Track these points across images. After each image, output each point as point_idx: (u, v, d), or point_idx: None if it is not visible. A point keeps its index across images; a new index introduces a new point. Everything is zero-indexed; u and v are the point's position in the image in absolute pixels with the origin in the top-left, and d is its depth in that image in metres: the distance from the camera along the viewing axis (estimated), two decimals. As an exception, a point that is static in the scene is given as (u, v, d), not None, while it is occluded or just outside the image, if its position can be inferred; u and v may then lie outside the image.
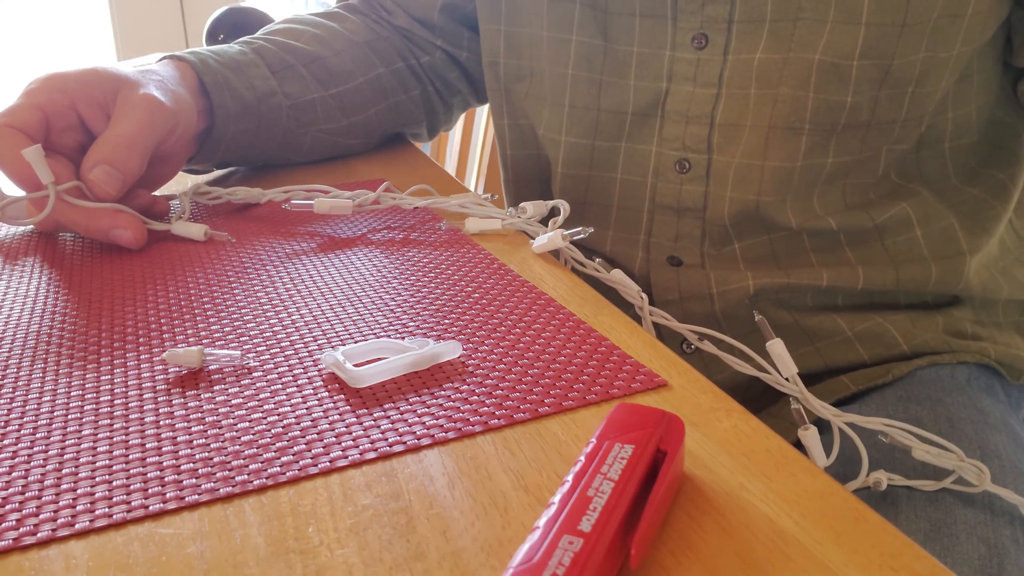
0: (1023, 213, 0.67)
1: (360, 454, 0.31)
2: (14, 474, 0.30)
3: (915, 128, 0.58)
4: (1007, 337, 0.64)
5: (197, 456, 0.31)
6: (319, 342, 0.40)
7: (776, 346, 0.39)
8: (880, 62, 0.54)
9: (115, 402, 0.35)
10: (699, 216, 0.61)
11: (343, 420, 0.33)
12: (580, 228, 0.49)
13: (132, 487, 0.29)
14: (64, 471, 0.30)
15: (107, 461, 0.31)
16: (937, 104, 0.58)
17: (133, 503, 0.29)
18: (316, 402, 0.34)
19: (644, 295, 0.45)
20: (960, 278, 0.61)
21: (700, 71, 0.58)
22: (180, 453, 0.31)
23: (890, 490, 0.46)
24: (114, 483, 0.30)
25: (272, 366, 0.38)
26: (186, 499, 0.29)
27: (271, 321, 0.42)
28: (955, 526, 0.44)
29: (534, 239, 0.51)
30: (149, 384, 0.36)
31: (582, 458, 0.27)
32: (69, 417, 0.34)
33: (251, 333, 0.41)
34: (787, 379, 0.39)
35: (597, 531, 0.24)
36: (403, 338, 0.39)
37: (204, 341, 0.40)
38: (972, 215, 0.62)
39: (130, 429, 0.33)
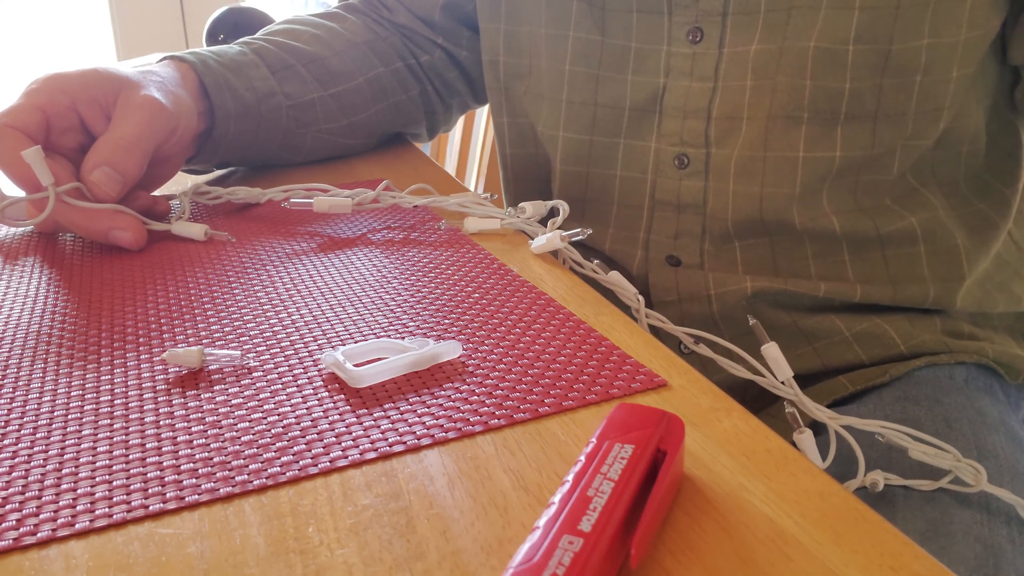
0: (1022, 223, 0.66)
1: (360, 454, 0.31)
2: (14, 474, 0.30)
3: (931, 123, 0.57)
4: (1003, 339, 0.64)
5: (197, 456, 0.31)
6: (319, 342, 0.40)
7: (771, 349, 0.39)
8: (877, 47, 0.54)
9: (115, 402, 0.35)
10: (699, 212, 0.61)
11: (343, 420, 0.33)
12: (579, 229, 0.49)
13: (132, 487, 0.29)
14: (64, 471, 0.30)
15: (107, 461, 0.31)
16: (956, 102, 0.58)
17: (133, 503, 0.29)
18: (316, 402, 0.34)
19: (640, 297, 0.45)
20: (956, 300, 0.61)
21: (696, 65, 0.58)
22: (180, 453, 0.31)
23: (887, 490, 0.46)
24: (114, 483, 0.30)
25: (272, 366, 0.38)
26: (186, 499, 0.29)
27: (271, 321, 0.42)
28: (952, 526, 0.44)
29: (533, 239, 0.51)
30: (149, 384, 0.36)
31: (582, 458, 0.27)
32: (69, 417, 0.34)
33: (251, 333, 0.41)
34: (783, 383, 0.39)
35: (597, 531, 0.24)
36: (403, 338, 0.39)
37: (204, 341, 0.40)
38: (979, 232, 0.62)
39: (130, 429, 0.33)
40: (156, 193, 0.59)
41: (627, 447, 0.27)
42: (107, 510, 0.28)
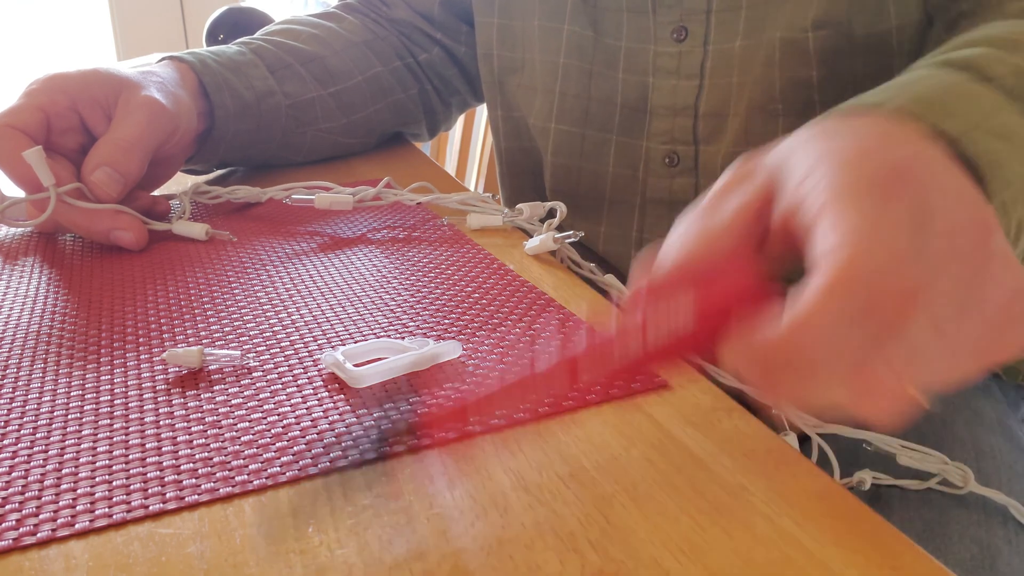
0: None
1: (360, 454, 0.31)
2: (14, 474, 0.30)
3: None
4: None
5: (197, 456, 0.31)
6: (319, 342, 0.40)
7: None
8: (837, 30, 0.54)
9: (115, 402, 0.35)
10: None
11: (343, 420, 0.33)
12: (572, 232, 0.49)
13: (132, 487, 0.29)
14: (64, 471, 0.30)
15: (107, 461, 0.31)
16: None
17: (133, 503, 0.29)
18: (316, 402, 0.34)
19: None
20: None
21: (682, 64, 0.58)
22: (180, 453, 0.31)
23: (883, 491, 0.46)
24: (114, 483, 0.30)
25: (272, 366, 0.38)
26: (186, 499, 0.29)
27: (271, 321, 0.42)
28: (948, 526, 0.44)
29: (530, 239, 0.51)
30: (149, 384, 0.36)
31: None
32: (69, 417, 0.34)
33: (251, 333, 0.41)
34: None
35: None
36: (403, 338, 0.39)
37: (204, 341, 0.40)
38: None
39: (130, 429, 0.33)
40: (156, 193, 0.59)
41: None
42: (107, 510, 0.28)
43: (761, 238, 0.27)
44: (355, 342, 0.40)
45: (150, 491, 0.29)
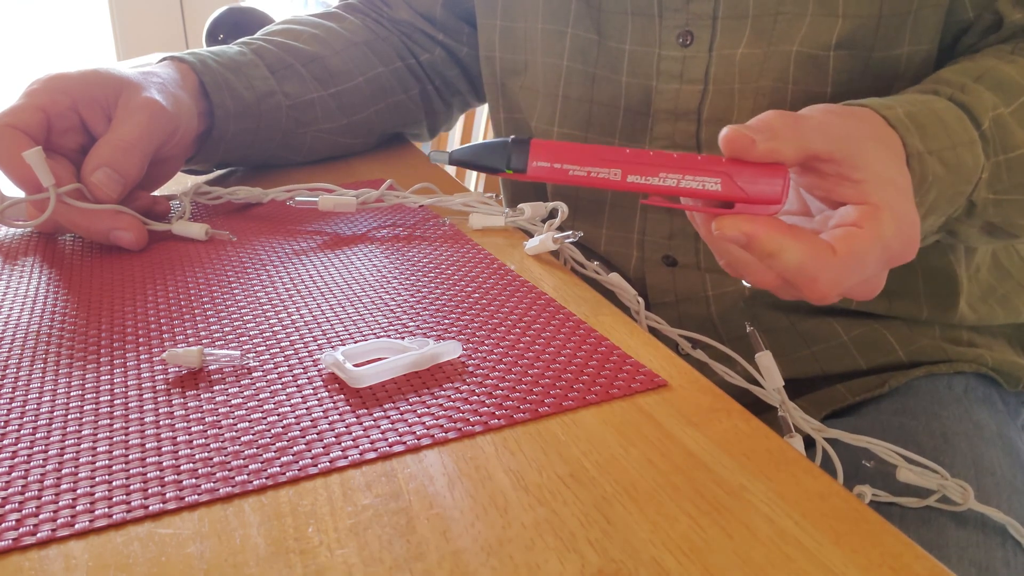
0: None
1: (360, 454, 0.31)
2: (14, 474, 0.30)
3: None
4: (1002, 346, 0.64)
5: (197, 456, 0.31)
6: (319, 342, 0.40)
7: (764, 358, 0.40)
8: (857, 52, 0.54)
9: (115, 402, 0.35)
10: None
11: (343, 420, 0.33)
12: (571, 232, 0.49)
13: (132, 487, 0.29)
14: (64, 471, 0.30)
15: (107, 461, 0.31)
16: None
17: (133, 503, 0.29)
18: (316, 402, 0.34)
19: (640, 299, 0.45)
20: (952, 318, 0.61)
21: (686, 68, 0.58)
22: (180, 453, 0.31)
23: (882, 509, 0.46)
24: (114, 483, 0.30)
25: (272, 366, 0.38)
26: (186, 499, 0.29)
27: (271, 321, 0.42)
28: (946, 547, 0.44)
29: (531, 239, 0.51)
30: (149, 384, 0.36)
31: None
32: (69, 417, 0.34)
33: (251, 333, 0.41)
34: (774, 391, 0.39)
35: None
36: (403, 338, 0.39)
37: (204, 341, 0.40)
38: (966, 251, 0.62)
39: (130, 429, 0.33)
40: (156, 193, 0.59)
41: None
42: (107, 510, 0.28)
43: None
44: (355, 342, 0.40)
45: (150, 491, 0.29)
